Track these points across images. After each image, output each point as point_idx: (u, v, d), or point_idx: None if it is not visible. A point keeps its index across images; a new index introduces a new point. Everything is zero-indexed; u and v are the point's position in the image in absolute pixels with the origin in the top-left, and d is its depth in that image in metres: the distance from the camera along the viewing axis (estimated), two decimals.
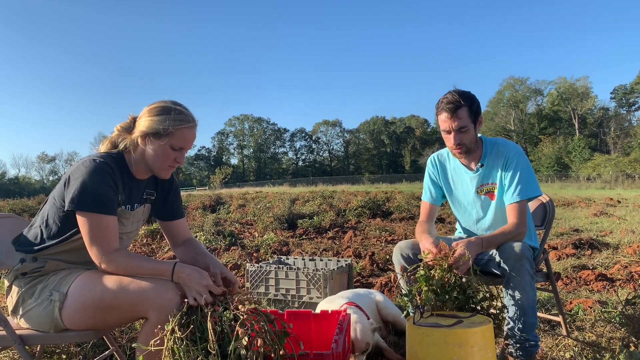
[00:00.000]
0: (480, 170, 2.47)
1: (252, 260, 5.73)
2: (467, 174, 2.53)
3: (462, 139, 2.34)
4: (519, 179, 2.36)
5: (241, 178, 77.38)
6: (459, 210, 2.64)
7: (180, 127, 1.80)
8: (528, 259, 2.17)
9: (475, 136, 2.40)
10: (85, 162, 1.74)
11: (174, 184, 2.10)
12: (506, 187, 2.40)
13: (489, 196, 2.48)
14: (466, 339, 1.72)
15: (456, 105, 2.29)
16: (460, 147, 2.37)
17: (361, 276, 4.88)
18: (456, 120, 2.30)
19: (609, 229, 8.10)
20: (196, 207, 14.92)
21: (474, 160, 2.49)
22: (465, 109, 2.30)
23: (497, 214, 2.49)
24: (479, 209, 2.53)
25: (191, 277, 1.65)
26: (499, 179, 2.43)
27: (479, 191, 2.50)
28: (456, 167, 2.58)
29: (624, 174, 36.99)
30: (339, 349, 1.83)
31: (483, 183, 2.48)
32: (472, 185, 2.51)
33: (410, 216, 11.00)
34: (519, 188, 2.35)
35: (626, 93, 66.17)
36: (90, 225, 1.69)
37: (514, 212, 2.34)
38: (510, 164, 2.39)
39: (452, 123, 2.31)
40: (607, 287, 4.03)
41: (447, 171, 2.63)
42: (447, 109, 2.30)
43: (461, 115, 2.30)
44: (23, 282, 1.77)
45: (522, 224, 2.32)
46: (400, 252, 2.42)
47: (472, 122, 2.35)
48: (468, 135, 2.35)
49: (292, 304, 3.69)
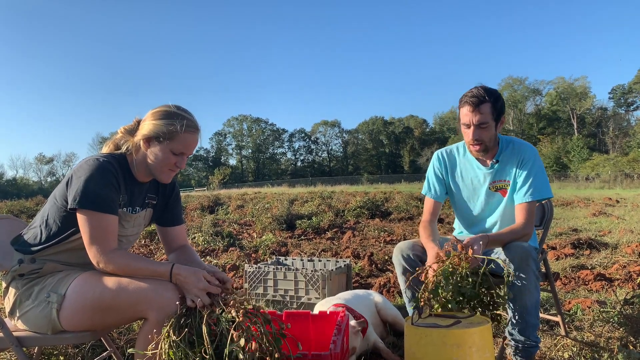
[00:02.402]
0: (495, 166, 2.45)
1: (251, 261, 5.72)
2: (480, 170, 2.49)
3: (481, 135, 2.32)
4: (533, 180, 2.35)
5: (240, 179, 77.32)
6: (463, 207, 2.60)
7: (183, 132, 1.81)
8: (534, 259, 2.15)
9: (495, 135, 2.37)
10: (88, 161, 1.75)
11: (175, 190, 2.10)
12: (519, 186, 2.39)
13: (501, 193, 2.46)
14: (464, 340, 1.72)
15: (480, 100, 2.26)
16: (478, 143, 2.34)
17: (360, 277, 4.88)
18: (477, 115, 2.27)
19: (607, 228, 8.11)
20: (194, 208, 14.91)
21: (489, 157, 2.46)
22: (489, 105, 2.28)
23: (505, 212, 2.47)
24: (488, 206, 2.51)
25: (189, 279, 1.65)
26: (512, 177, 2.42)
27: (491, 187, 2.47)
28: (468, 162, 2.54)
29: (623, 174, 37.00)
30: (337, 349, 1.83)
31: (496, 180, 2.46)
32: (485, 182, 2.48)
33: (409, 216, 10.99)
34: (531, 189, 2.34)
35: (624, 93, 66.21)
36: (91, 224, 1.69)
37: (524, 212, 2.34)
38: (526, 164, 2.38)
39: (474, 117, 2.28)
40: (606, 286, 4.04)
41: (456, 166, 2.58)
42: (470, 102, 2.28)
43: (483, 110, 2.27)
44: (20, 284, 1.77)
45: (530, 225, 2.32)
46: (401, 253, 2.40)
47: (494, 120, 2.32)
48: (488, 132, 2.32)
49: (291, 305, 3.68)
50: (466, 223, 2.64)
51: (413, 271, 2.25)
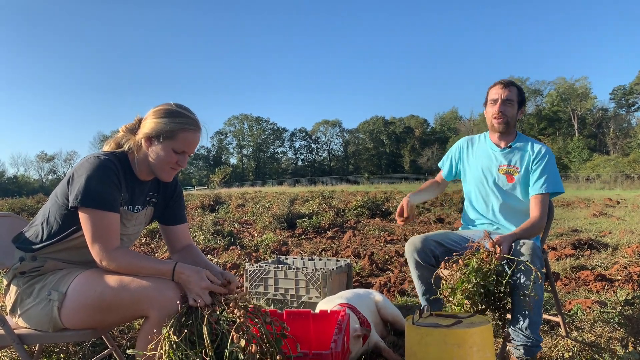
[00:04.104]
0: (507, 150, 2.66)
1: (251, 260, 5.73)
2: (493, 150, 2.72)
3: (506, 110, 2.61)
4: (548, 174, 2.54)
5: (240, 178, 77.33)
6: (471, 189, 2.76)
7: (184, 130, 1.81)
8: (539, 257, 2.20)
9: (515, 117, 2.64)
10: (89, 159, 1.75)
11: (177, 189, 2.09)
12: (535, 179, 2.56)
13: (508, 178, 2.63)
14: (465, 339, 1.72)
15: (510, 82, 2.63)
16: (502, 115, 2.60)
17: (360, 276, 4.88)
18: (507, 91, 2.60)
19: (608, 229, 8.10)
20: (195, 207, 14.92)
21: (505, 141, 2.69)
22: (516, 89, 2.64)
23: (508, 198, 2.62)
24: (493, 187, 2.65)
25: (192, 277, 1.65)
26: (524, 166, 2.59)
27: (500, 169, 2.65)
28: (483, 144, 2.78)
29: (623, 175, 36.99)
30: (338, 348, 1.83)
31: (506, 163, 2.65)
32: (496, 161, 2.68)
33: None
34: (547, 183, 2.53)
35: (625, 94, 66.15)
36: (93, 222, 1.69)
37: (539, 204, 2.50)
38: (543, 159, 2.57)
39: (503, 92, 2.60)
40: (606, 287, 4.04)
41: (472, 150, 2.82)
42: (501, 82, 2.63)
43: (512, 90, 2.62)
44: (21, 281, 1.77)
45: (544, 217, 2.49)
46: (414, 248, 2.52)
47: (517, 103, 2.64)
48: (512, 109, 2.62)
49: (291, 304, 3.69)
50: (474, 205, 2.76)
51: (425, 265, 2.47)
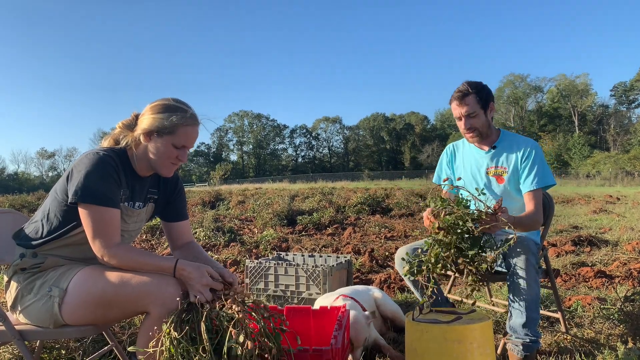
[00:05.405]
0: (492, 151, 2.63)
1: (252, 257, 5.73)
2: (478, 154, 2.68)
3: (473, 124, 2.54)
4: (537, 169, 2.51)
5: (241, 174, 77.30)
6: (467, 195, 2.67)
7: (183, 125, 1.80)
8: (533, 254, 2.20)
9: (486, 121, 2.57)
10: (88, 155, 1.74)
11: (178, 185, 2.09)
12: (524, 176, 2.53)
13: (498, 180, 2.61)
14: (465, 335, 1.72)
15: (464, 94, 2.51)
16: (471, 130, 2.56)
17: (360, 272, 4.88)
18: (464, 107, 2.52)
19: (608, 226, 8.10)
20: (196, 204, 14.91)
21: (488, 144, 2.65)
22: (473, 96, 2.51)
23: (504, 200, 2.52)
24: (486, 191, 2.61)
25: (193, 274, 1.65)
26: (512, 165, 2.56)
27: (488, 172, 2.63)
28: (468, 150, 2.75)
29: (624, 172, 36.97)
30: (338, 344, 1.83)
31: (493, 165, 2.62)
32: (482, 165, 2.65)
33: (410, 213, 10.99)
34: (537, 177, 2.50)
35: (626, 90, 66.01)
36: (94, 218, 1.68)
37: (532, 199, 2.49)
38: (529, 155, 2.54)
39: (461, 109, 2.53)
40: (606, 284, 4.04)
41: (459, 155, 2.80)
42: (456, 97, 2.55)
43: (469, 102, 2.51)
44: (22, 278, 1.77)
45: (540, 212, 2.48)
46: (403, 258, 2.44)
47: (482, 109, 2.54)
48: (478, 120, 2.54)
49: (292, 300, 3.69)
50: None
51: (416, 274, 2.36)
